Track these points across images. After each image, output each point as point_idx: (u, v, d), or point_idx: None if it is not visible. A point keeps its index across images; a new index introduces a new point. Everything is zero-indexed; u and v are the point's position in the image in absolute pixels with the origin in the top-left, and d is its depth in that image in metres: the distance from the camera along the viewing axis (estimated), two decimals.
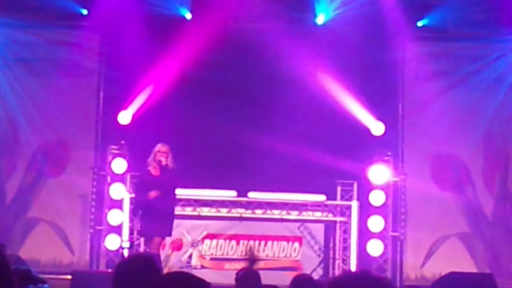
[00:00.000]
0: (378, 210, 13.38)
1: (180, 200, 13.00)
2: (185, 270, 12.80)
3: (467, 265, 13.14)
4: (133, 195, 12.44)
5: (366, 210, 13.33)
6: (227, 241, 13.20)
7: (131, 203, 12.70)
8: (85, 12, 13.53)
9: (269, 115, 13.28)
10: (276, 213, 13.29)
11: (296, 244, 13.26)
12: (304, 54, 13.17)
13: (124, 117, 13.26)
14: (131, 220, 12.80)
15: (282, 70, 13.07)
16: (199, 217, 13.20)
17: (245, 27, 13.28)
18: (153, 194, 10.73)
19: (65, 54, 13.49)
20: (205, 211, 13.21)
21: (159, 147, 10.95)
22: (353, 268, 13.11)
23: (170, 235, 11.26)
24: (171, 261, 13.01)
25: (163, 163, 10.84)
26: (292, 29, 13.35)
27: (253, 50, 13.05)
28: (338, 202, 13.37)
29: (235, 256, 13.13)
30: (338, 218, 13.37)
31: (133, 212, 11.76)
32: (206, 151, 13.21)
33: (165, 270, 12.16)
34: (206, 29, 12.82)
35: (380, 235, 13.35)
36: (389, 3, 13.31)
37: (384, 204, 13.40)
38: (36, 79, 13.53)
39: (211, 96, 13.29)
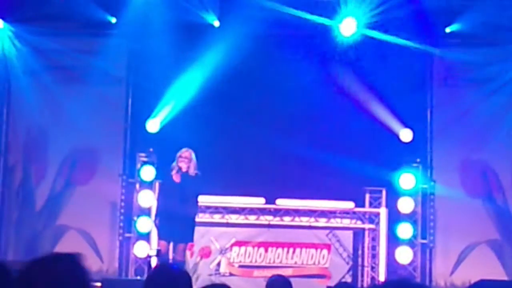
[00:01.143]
0: (407, 217, 13.32)
1: (209, 207, 13.06)
2: (213, 277, 12.84)
3: (497, 273, 13.04)
4: None
5: (395, 217, 13.28)
6: (256, 248, 13.19)
7: None
8: (113, 20, 13.60)
9: (297, 122, 13.28)
10: (304, 220, 13.27)
11: (325, 252, 13.23)
12: (332, 61, 13.16)
13: (153, 125, 13.32)
14: None
15: (310, 76, 13.06)
16: (227, 224, 13.21)
17: (273, 33, 13.28)
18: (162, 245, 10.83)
19: (93, 62, 13.56)
20: (234, 218, 13.22)
21: (181, 152, 10.93)
22: (382, 275, 13.06)
23: (192, 241, 11.27)
24: (200, 268, 13.02)
25: (183, 169, 10.81)
26: (320, 35, 13.33)
27: (281, 56, 13.05)
28: (367, 209, 13.34)
29: (263, 264, 13.12)
30: (367, 225, 13.33)
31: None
32: (234, 158, 13.21)
33: (194, 278, 12.18)
34: (234, 36, 12.83)
35: (409, 243, 13.29)
36: (418, 8, 13.25)
37: (413, 211, 13.34)
38: (65, 87, 13.61)
39: (239, 103, 13.30)
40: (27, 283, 3.20)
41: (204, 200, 12.74)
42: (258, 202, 13.24)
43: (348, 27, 13.33)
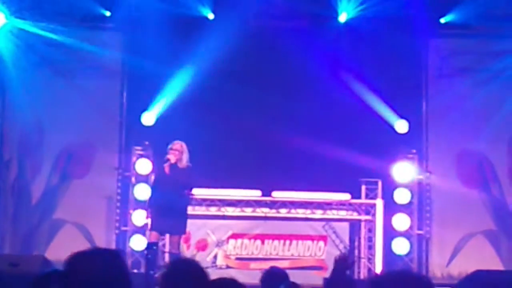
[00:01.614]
0: (403, 208, 13.34)
1: (205, 200, 13.07)
2: (210, 270, 12.81)
3: (493, 263, 13.07)
4: None
5: (391, 208, 13.29)
6: (252, 240, 13.20)
7: None
8: (108, 13, 13.58)
9: (292, 113, 13.27)
10: (300, 212, 13.28)
11: (321, 243, 13.24)
12: (327, 52, 13.16)
13: (148, 118, 13.31)
14: None
15: (305, 68, 13.06)
16: (223, 217, 13.21)
17: (267, 26, 13.28)
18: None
19: (88, 55, 13.55)
20: (230, 211, 13.22)
21: (173, 144, 10.94)
22: (378, 267, 13.07)
23: (184, 233, 11.28)
24: None
25: (172, 161, 10.80)
26: (314, 27, 13.34)
27: (276, 49, 13.04)
28: (363, 200, 13.34)
29: (260, 256, 13.14)
30: (363, 217, 13.34)
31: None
32: (230, 150, 13.21)
33: None
34: (228, 28, 12.82)
35: (406, 234, 13.31)
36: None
37: (409, 202, 13.36)
38: (60, 81, 13.61)
39: (234, 95, 13.29)
40: (71, 276, 3.21)
41: (200, 192, 12.74)
42: (254, 194, 13.24)
43: (343, 15, 13.38)
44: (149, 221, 11.16)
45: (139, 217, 12.98)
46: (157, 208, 10.82)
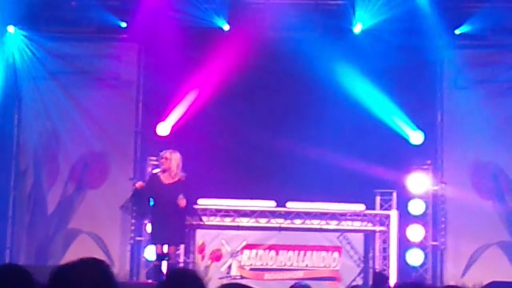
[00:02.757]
0: (418, 219, 13.32)
1: (219, 210, 13.09)
2: (224, 280, 12.84)
3: (508, 274, 13.00)
4: None
5: (406, 219, 13.27)
6: (267, 251, 13.20)
7: None
8: (124, 24, 13.65)
9: (307, 125, 13.28)
10: (315, 223, 13.27)
11: (336, 254, 13.23)
12: (342, 63, 13.17)
13: (163, 129, 13.35)
14: None
15: (320, 79, 13.07)
16: (238, 228, 13.22)
17: (283, 37, 13.30)
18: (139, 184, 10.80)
19: (104, 66, 13.63)
20: (244, 221, 13.23)
21: (162, 153, 10.95)
22: (393, 278, 13.04)
23: (182, 243, 11.27)
24: (211, 271, 13.05)
25: (163, 166, 10.84)
26: (330, 38, 13.35)
27: (291, 59, 13.07)
28: (377, 211, 13.33)
29: (274, 266, 13.14)
30: (378, 228, 13.32)
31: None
32: (245, 161, 13.23)
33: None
34: (244, 39, 12.86)
35: (420, 245, 13.29)
36: (427, 11, 13.26)
37: (423, 213, 13.34)
38: (76, 91, 13.67)
39: (249, 106, 13.33)
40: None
41: (214, 203, 12.76)
42: (268, 205, 13.24)
43: (358, 26, 13.41)
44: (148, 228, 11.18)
45: None
46: (156, 220, 10.81)
